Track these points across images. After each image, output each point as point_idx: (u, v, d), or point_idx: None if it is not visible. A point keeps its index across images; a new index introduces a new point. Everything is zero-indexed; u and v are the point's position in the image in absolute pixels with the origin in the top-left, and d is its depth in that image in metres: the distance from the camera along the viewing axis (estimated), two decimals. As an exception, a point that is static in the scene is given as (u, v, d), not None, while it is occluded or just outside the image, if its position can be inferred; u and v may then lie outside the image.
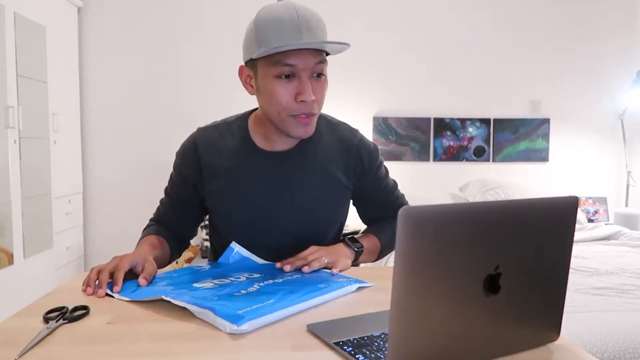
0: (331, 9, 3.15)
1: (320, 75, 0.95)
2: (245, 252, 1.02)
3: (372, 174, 1.13)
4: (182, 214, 1.13)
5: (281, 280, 0.84)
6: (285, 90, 0.92)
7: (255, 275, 0.88)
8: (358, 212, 1.21)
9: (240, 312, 0.66)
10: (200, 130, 1.09)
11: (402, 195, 1.23)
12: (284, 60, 0.90)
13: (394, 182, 1.21)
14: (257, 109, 1.08)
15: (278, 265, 0.95)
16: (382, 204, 1.18)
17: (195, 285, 0.81)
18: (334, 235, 1.15)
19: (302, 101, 0.92)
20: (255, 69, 0.96)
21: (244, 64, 1.00)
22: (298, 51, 0.90)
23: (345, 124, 1.14)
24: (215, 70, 3.26)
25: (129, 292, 0.80)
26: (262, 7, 0.94)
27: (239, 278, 0.86)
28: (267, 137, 1.05)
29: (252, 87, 1.00)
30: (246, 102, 1.20)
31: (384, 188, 1.17)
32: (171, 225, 1.14)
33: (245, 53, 0.97)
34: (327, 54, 0.99)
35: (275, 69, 0.91)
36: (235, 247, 1.02)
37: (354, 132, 1.13)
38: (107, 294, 0.81)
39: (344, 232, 1.20)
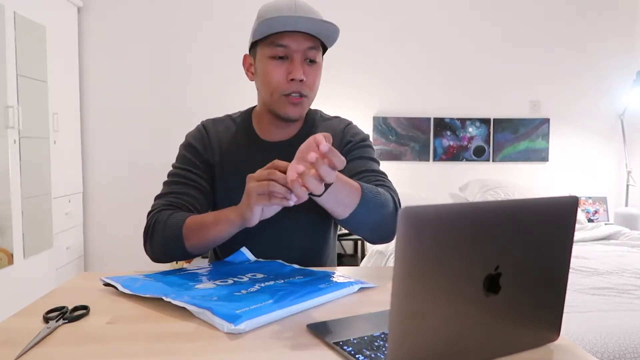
0: (331, 9, 3.15)
1: (313, 62, 1.01)
2: (252, 257, 1.02)
3: (355, 147, 1.08)
4: (194, 190, 1.05)
5: (283, 281, 0.84)
6: (278, 70, 0.98)
7: (258, 276, 0.88)
8: None
9: (238, 311, 0.66)
10: (205, 121, 1.14)
11: (389, 181, 1.04)
12: (278, 40, 0.97)
13: (384, 173, 1.08)
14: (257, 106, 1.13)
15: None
16: (359, 172, 1.03)
17: (197, 286, 0.81)
18: (328, 227, 1.14)
19: (292, 80, 0.98)
20: (255, 54, 1.03)
21: (248, 53, 1.07)
22: (292, 33, 0.97)
23: (337, 117, 1.18)
24: (216, 70, 3.26)
25: (132, 286, 0.80)
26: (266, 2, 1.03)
27: (241, 279, 0.86)
28: (264, 127, 1.09)
29: (252, 74, 1.06)
30: (246, 102, 1.21)
31: (364, 159, 1.06)
32: (185, 205, 1.04)
33: (249, 41, 1.05)
34: (325, 49, 1.05)
35: (271, 49, 0.98)
36: (245, 252, 1.02)
37: (343, 121, 1.16)
38: (110, 285, 0.83)
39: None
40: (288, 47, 0.97)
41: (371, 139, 3.38)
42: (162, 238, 0.96)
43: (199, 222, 0.94)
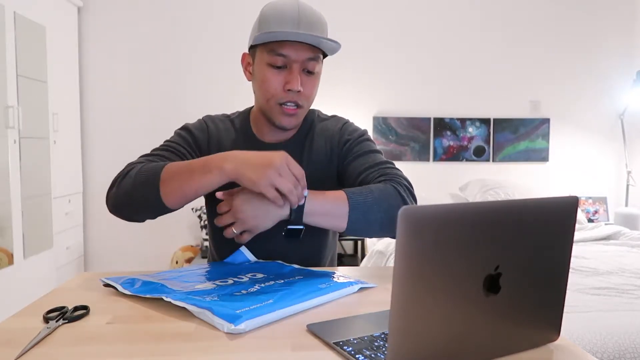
0: (331, 9, 3.15)
1: (311, 73, 0.99)
2: (252, 257, 1.02)
3: (354, 144, 1.07)
4: (180, 160, 1.01)
5: (282, 281, 0.84)
6: (276, 78, 0.97)
7: (258, 276, 0.88)
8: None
9: (238, 311, 0.66)
10: (207, 117, 1.14)
11: (395, 169, 1.01)
12: (278, 49, 0.95)
13: (390, 162, 1.05)
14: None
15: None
16: (364, 169, 1.01)
17: (197, 286, 0.81)
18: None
19: (289, 90, 0.97)
20: (254, 55, 1.02)
21: (247, 51, 1.06)
22: (293, 43, 0.95)
23: (334, 116, 1.17)
24: (216, 70, 3.26)
25: (132, 287, 0.80)
26: (270, 2, 1.00)
27: (241, 279, 0.86)
28: (262, 129, 1.09)
29: (250, 73, 1.05)
30: (246, 102, 1.21)
31: (367, 154, 1.05)
32: None
33: (249, 41, 1.03)
34: (325, 56, 1.03)
35: (270, 57, 0.96)
36: (245, 252, 1.02)
37: (339, 120, 1.15)
38: (109, 286, 0.82)
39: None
40: (288, 56, 0.95)
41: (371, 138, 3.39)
42: (133, 181, 0.90)
43: (184, 165, 0.88)
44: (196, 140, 1.08)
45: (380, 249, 2.53)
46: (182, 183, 0.86)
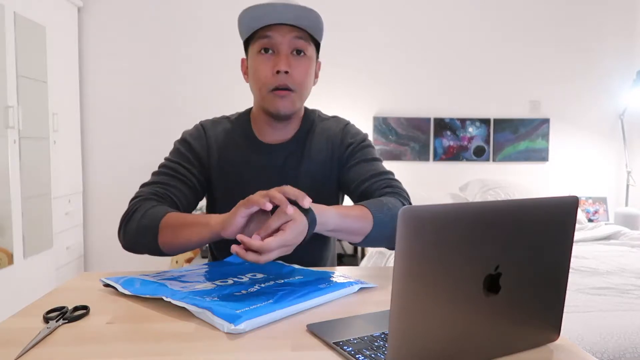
0: (331, 9, 3.15)
1: (300, 52, 1.00)
2: None
3: (357, 149, 1.08)
4: (181, 184, 1.04)
5: (282, 281, 0.84)
6: (265, 64, 0.99)
7: (258, 276, 0.88)
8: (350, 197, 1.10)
9: (238, 311, 0.66)
10: (204, 121, 1.14)
11: (398, 182, 1.05)
12: (262, 32, 0.98)
13: (391, 172, 1.08)
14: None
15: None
16: (369, 176, 1.04)
17: (197, 286, 0.81)
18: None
19: (278, 72, 0.97)
20: (247, 55, 1.05)
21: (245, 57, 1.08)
22: (276, 26, 0.97)
23: (335, 117, 1.17)
24: (216, 70, 3.26)
25: (132, 287, 0.80)
26: None
27: (241, 279, 0.86)
28: (262, 129, 1.09)
29: (247, 75, 1.07)
30: (246, 103, 1.21)
31: (370, 161, 1.07)
32: (170, 197, 1.02)
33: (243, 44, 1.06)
34: (317, 43, 1.05)
35: (257, 43, 0.99)
36: None
37: (341, 121, 1.15)
38: (109, 286, 0.82)
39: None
40: (273, 37, 0.97)
41: (371, 139, 3.40)
42: (137, 227, 0.93)
43: (177, 219, 0.90)
44: (195, 153, 1.07)
45: (381, 249, 2.53)
46: (174, 237, 0.90)
